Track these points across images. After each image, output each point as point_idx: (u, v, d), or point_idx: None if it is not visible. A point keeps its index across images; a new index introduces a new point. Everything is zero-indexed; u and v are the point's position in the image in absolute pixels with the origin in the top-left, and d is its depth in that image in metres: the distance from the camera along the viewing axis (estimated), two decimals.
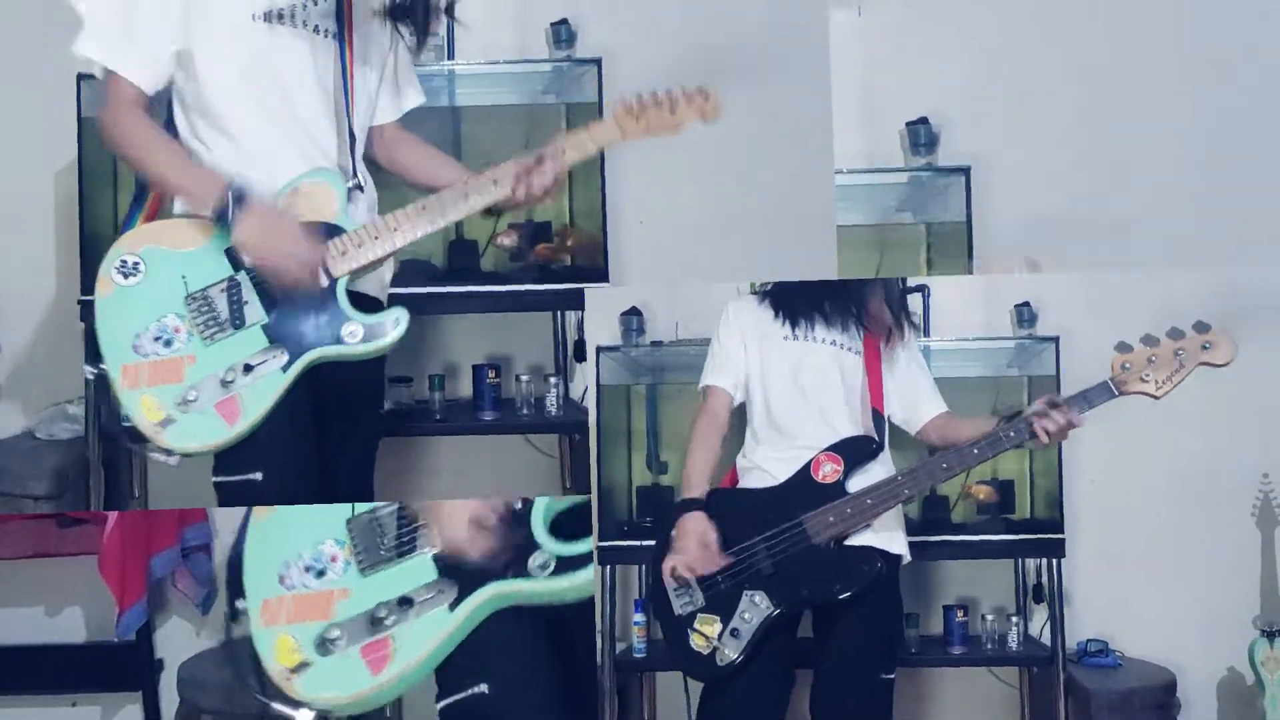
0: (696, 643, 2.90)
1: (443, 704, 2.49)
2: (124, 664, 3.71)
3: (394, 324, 2.76)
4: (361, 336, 2.72)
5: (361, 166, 2.87)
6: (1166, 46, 3.73)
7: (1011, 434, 2.88)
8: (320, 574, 2.50)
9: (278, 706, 2.47)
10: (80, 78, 3.54)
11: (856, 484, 2.94)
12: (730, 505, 2.99)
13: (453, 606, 2.43)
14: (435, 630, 2.44)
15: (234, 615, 2.53)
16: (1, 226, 3.73)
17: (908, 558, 3.07)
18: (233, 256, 2.74)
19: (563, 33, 3.68)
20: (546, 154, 2.84)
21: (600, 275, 3.65)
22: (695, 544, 2.91)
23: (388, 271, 2.93)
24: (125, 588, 3.52)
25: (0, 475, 3.57)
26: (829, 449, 2.96)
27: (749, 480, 3.04)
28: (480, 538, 2.58)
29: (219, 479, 2.75)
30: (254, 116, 2.75)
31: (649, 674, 3.77)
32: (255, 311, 2.72)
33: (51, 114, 3.59)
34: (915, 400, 3.11)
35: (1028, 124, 3.67)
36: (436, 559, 2.48)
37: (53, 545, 3.63)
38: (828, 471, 2.93)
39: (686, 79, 2.93)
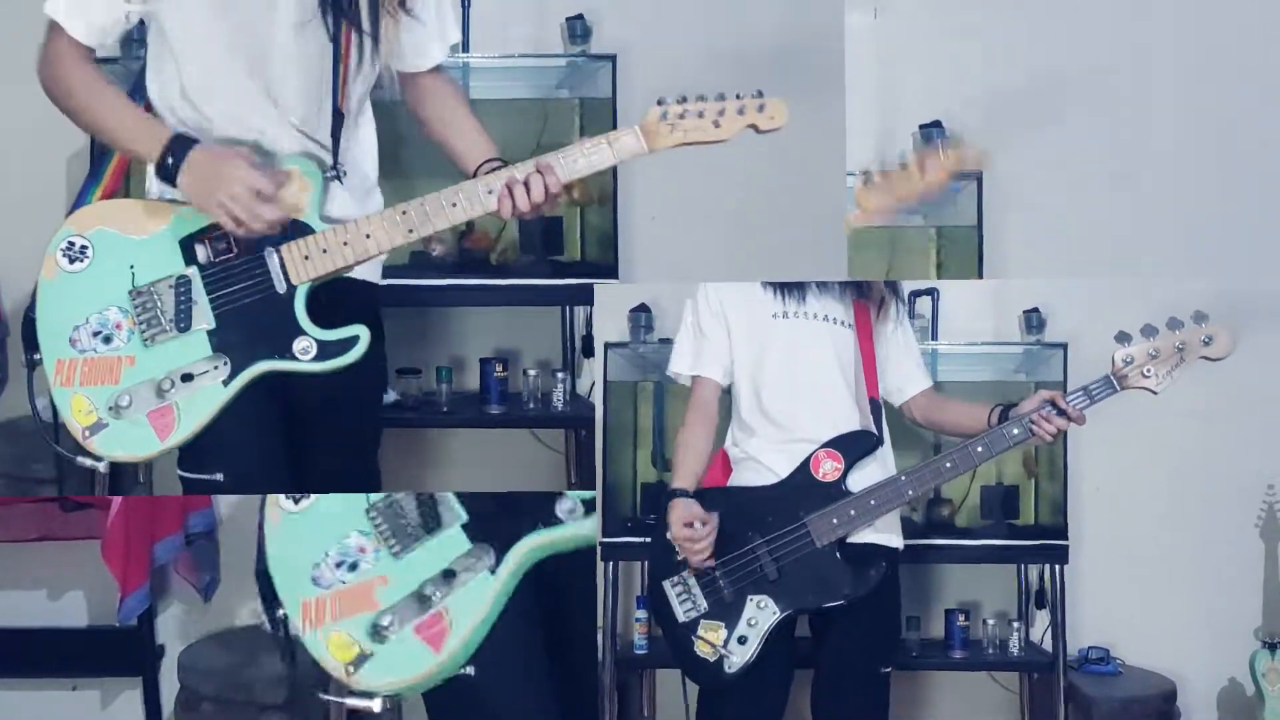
0: (702, 650, 2.84)
1: None
2: (125, 649, 3.71)
3: (351, 344, 2.49)
4: (314, 354, 2.48)
5: (351, 150, 2.58)
6: (1178, 55, 3.73)
7: (1015, 431, 2.83)
8: (353, 567, 2.50)
9: (350, 701, 2.47)
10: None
11: (856, 479, 2.87)
12: (728, 504, 2.89)
13: (493, 570, 2.46)
14: (483, 595, 2.46)
15: (275, 625, 2.53)
16: (12, 210, 3.72)
17: (902, 548, 2.98)
18: (188, 249, 2.50)
19: (578, 28, 3.68)
20: (542, 167, 2.51)
21: (610, 271, 3.64)
22: (692, 522, 2.81)
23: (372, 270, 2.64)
24: (128, 573, 3.50)
25: (5, 458, 3.58)
26: (828, 445, 2.86)
27: (744, 472, 2.95)
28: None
29: (183, 474, 2.59)
30: (223, 83, 2.49)
31: (649, 671, 3.78)
32: (203, 315, 2.49)
33: None
34: (902, 372, 3.02)
35: (1040, 129, 3.67)
36: (464, 527, 2.48)
37: (56, 529, 3.62)
38: (828, 469, 2.86)
39: (702, 78, 2.82)
